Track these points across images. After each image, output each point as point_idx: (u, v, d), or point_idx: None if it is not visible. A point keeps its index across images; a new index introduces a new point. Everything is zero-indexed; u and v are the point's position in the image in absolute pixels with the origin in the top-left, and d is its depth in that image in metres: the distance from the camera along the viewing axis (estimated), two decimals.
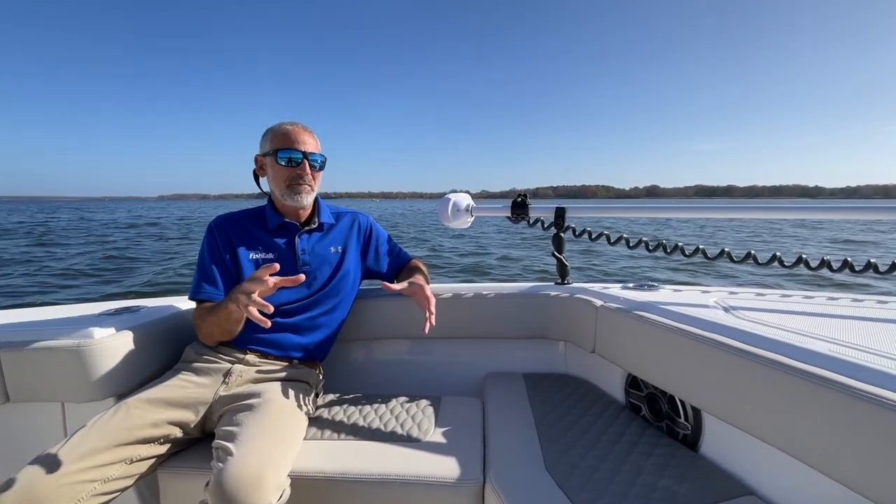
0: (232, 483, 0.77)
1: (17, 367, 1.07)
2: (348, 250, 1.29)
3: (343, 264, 1.27)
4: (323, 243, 1.26)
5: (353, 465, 0.96)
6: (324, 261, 1.24)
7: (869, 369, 0.68)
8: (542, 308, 1.43)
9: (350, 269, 1.29)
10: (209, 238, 1.19)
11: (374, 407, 1.21)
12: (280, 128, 1.17)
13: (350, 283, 1.30)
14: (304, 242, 1.22)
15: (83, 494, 0.80)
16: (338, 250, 1.27)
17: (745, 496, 0.83)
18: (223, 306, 1.03)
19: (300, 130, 1.17)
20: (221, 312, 1.03)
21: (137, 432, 0.90)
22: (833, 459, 0.67)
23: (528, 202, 1.45)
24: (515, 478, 0.89)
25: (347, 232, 1.32)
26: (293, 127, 1.17)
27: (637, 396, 1.19)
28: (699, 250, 1.22)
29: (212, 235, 1.19)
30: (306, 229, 1.24)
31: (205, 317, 1.09)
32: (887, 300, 1.10)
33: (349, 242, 1.31)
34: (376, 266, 1.38)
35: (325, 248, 1.25)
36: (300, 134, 1.17)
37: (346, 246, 1.30)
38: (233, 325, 1.07)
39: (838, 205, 1.10)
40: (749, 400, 0.80)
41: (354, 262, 1.31)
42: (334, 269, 1.25)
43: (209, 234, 1.20)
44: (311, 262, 1.22)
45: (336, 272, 1.25)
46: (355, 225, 1.34)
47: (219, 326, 1.07)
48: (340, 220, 1.33)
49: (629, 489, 0.85)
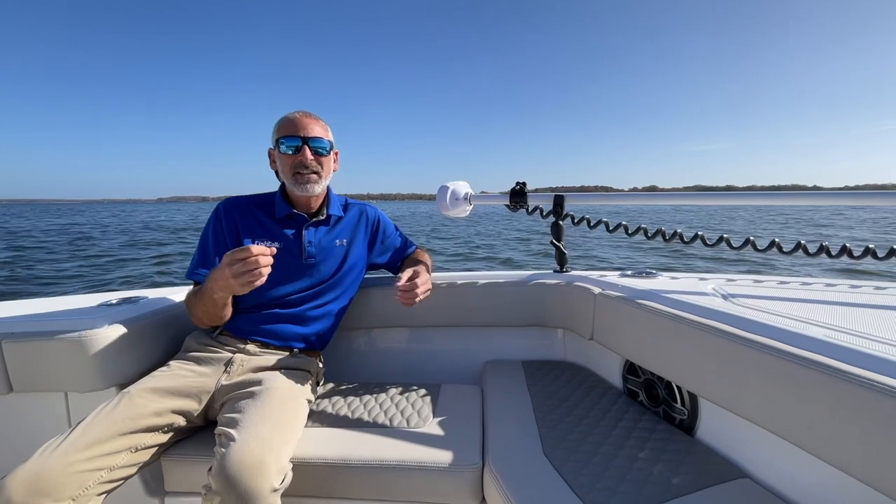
0: (234, 467, 0.78)
1: (20, 357, 1.07)
2: (354, 243, 1.29)
3: (348, 257, 1.27)
4: (329, 236, 1.25)
5: (354, 451, 0.97)
6: (329, 253, 1.24)
7: (864, 354, 0.68)
8: (541, 296, 1.43)
9: (354, 261, 1.29)
10: (214, 220, 1.19)
11: (374, 394, 1.23)
12: (284, 117, 1.16)
13: (354, 275, 1.30)
14: (310, 234, 1.22)
15: (90, 483, 0.81)
16: (343, 243, 1.27)
17: (740, 479, 0.84)
18: (206, 292, 1.02)
19: (302, 116, 1.15)
20: (206, 298, 1.03)
21: (141, 421, 0.91)
22: (828, 444, 0.67)
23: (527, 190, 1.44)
24: (514, 463, 0.91)
25: (355, 224, 1.31)
26: (296, 114, 1.15)
27: (635, 382, 1.20)
28: (698, 237, 1.22)
29: (217, 218, 1.19)
30: (314, 221, 1.23)
31: (193, 300, 1.09)
32: (884, 286, 1.11)
33: (356, 235, 1.30)
34: (382, 258, 1.38)
35: (331, 241, 1.25)
36: (303, 120, 1.15)
37: (353, 239, 1.29)
38: (219, 309, 1.06)
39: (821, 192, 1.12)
40: (745, 385, 0.81)
41: (360, 255, 1.31)
42: (339, 262, 1.25)
43: (215, 217, 1.19)
44: (317, 254, 1.22)
45: (341, 265, 1.25)
46: (363, 217, 1.34)
47: (206, 312, 1.07)
48: (348, 211, 1.32)
49: (626, 473, 0.86)
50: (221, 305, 1.06)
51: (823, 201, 1.20)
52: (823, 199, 1.19)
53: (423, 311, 1.44)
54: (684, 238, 1.24)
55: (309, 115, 1.16)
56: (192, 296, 1.10)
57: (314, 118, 1.17)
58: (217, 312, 1.08)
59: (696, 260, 8.53)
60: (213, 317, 1.09)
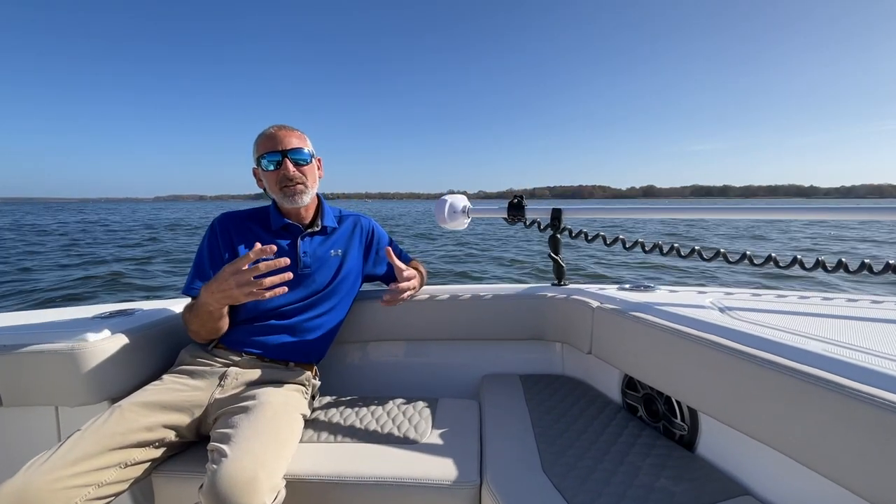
0: (226, 484, 0.76)
1: (9, 370, 1.06)
2: (349, 253, 1.30)
3: (343, 268, 1.27)
4: (324, 246, 1.26)
5: (350, 467, 0.96)
6: (324, 263, 1.24)
7: (863, 369, 0.68)
8: (539, 309, 1.43)
9: (349, 272, 1.29)
10: (210, 235, 1.19)
11: (371, 409, 1.21)
12: (261, 134, 1.17)
13: (349, 286, 1.30)
14: (305, 245, 1.22)
15: (77, 499, 0.79)
16: (338, 253, 1.27)
17: (742, 496, 0.83)
18: (202, 306, 1.02)
19: (277, 130, 1.16)
20: (202, 312, 1.03)
21: (132, 436, 0.90)
22: (829, 459, 0.67)
23: (525, 203, 1.45)
24: (512, 479, 0.89)
25: (349, 235, 1.32)
26: (271, 129, 1.17)
27: (634, 397, 1.19)
28: (695, 251, 1.23)
29: (213, 232, 1.20)
30: (309, 231, 1.24)
31: (189, 315, 1.08)
32: (881, 300, 1.11)
33: (351, 245, 1.31)
34: (377, 269, 1.38)
35: (326, 251, 1.25)
36: (279, 134, 1.16)
37: (348, 249, 1.30)
38: (215, 321, 1.07)
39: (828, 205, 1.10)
40: (745, 400, 0.80)
41: (355, 266, 1.31)
42: (334, 272, 1.25)
43: (210, 231, 1.20)
44: (312, 264, 1.22)
45: (336, 275, 1.25)
46: (357, 228, 1.34)
47: (202, 325, 1.07)
48: (343, 223, 1.33)
49: (626, 490, 0.85)
50: (217, 317, 1.05)
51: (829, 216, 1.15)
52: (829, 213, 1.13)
53: (420, 324, 1.43)
54: (681, 252, 1.25)
55: (284, 128, 1.18)
56: (189, 311, 1.10)
57: (289, 129, 1.18)
58: (213, 325, 1.07)
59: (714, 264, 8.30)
60: (210, 329, 1.08)
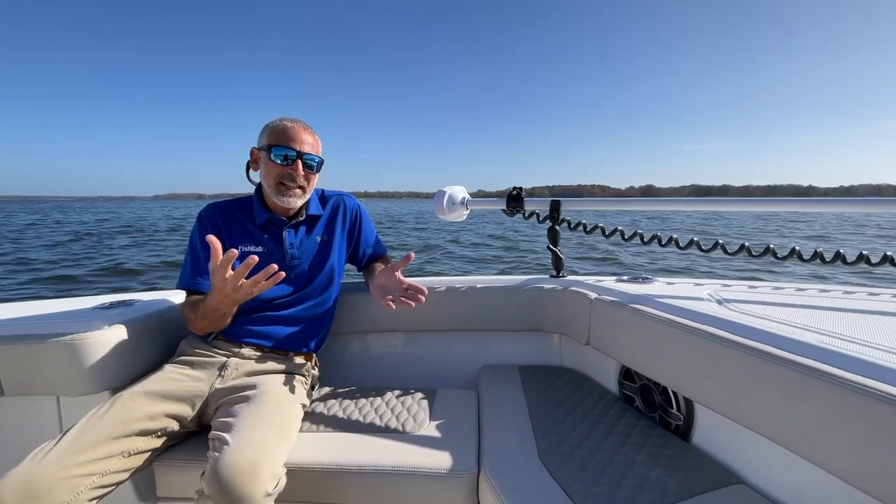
0: (227, 472, 0.78)
1: (11, 360, 1.06)
2: (334, 235, 1.28)
3: (330, 252, 1.26)
4: (310, 235, 1.25)
5: (349, 456, 0.97)
6: (312, 252, 1.24)
7: (859, 360, 0.69)
8: (537, 301, 1.43)
9: (336, 255, 1.28)
10: (200, 227, 1.18)
11: (370, 399, 1.22)
12: (279, 123, 1.14)
13: (338, 270, 1.30)
14: (291, 236, 1.21)
15: (81, 488, 0.80)
16: (324, 238, 1.27)
17: (735, 485, 0.84)
18: (209, 304, 1.02)
19: (300, 128, 1.14)
20: (209, 310, 1.03)
21: (134, 425, 0.91)
22: (822, 449, 0.68)
23: (524, 195, 1.45)
24: (509, 468, 0.90)
25: (333, 216, 1.30)
26: (293, 124, 1.14)
27: (630, 388, 1.20)
28: (693, 242, 1.23)
29: (202, 224, 1.18)
30: (293, 223, 1.22)
31: (195, 311, 1.08)
32: (878, 292, 1.12)
33: (335, 227, 1.29)
34: (355, 252, 1.36)
35: (312, 239, 1.25)
36: (299, 132, 1.13)
37: (333, 232, 1.28)
38: (225, 319, 1.08)
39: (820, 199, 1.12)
40: (740, 391, 0.81)
41: (340, 248, 1.30)
42: (323, 259, 1.25)
43: (200, 223, 1.19)
44: (300, 255, 1.22)
45: (325, 262, 1.25)
46: (341, 208, 1.32)
47: (211, 322, 1.07)
48: (326, 205, 1.31)
49: (622, 479, 0.86)
50: (230, 315, 1.09)
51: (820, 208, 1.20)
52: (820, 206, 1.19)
53: (419, 315, 1.43)
54: (680, 244, 1.25)
55: (306, 129, 1.15)
56: (189, 308, 1.10)
57: (310, 132, 1.16)
58: (223, 322, 1.10)
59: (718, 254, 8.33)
60: (216, 326, 1.10)
